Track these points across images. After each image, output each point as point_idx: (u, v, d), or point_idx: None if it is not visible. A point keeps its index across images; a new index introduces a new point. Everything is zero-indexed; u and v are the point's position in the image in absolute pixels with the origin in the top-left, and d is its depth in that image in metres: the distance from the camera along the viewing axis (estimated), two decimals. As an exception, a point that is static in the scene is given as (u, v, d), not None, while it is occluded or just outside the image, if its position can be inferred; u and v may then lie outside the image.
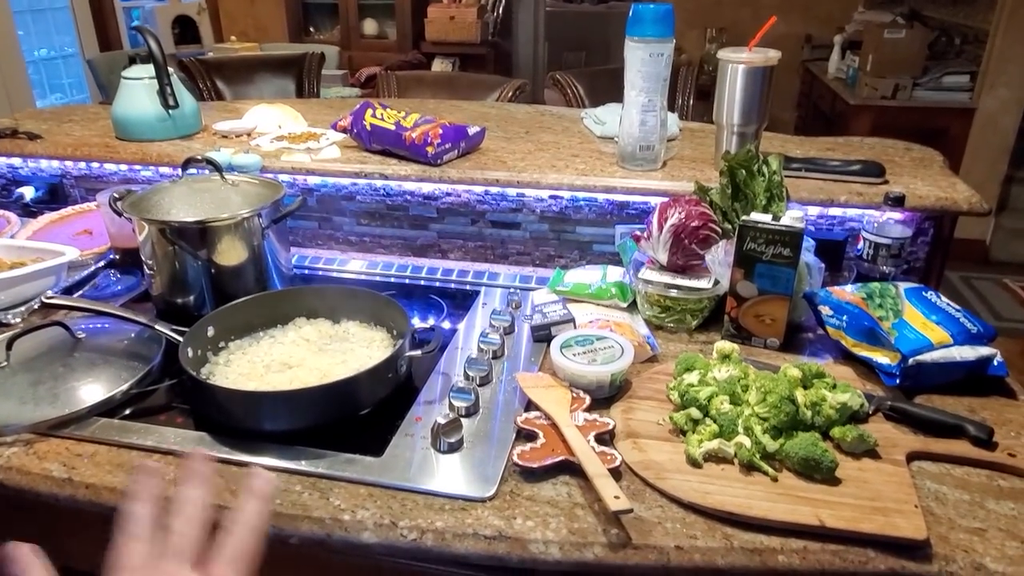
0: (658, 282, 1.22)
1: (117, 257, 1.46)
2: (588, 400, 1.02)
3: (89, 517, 0.94)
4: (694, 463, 0.90)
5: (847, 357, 1.14)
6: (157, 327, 1.11)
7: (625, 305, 1.28)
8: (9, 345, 1.07)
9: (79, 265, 1.42)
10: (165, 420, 1.01)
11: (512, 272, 1.48)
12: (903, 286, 1.18)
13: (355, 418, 1.00)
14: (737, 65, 1.33)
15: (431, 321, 1.30)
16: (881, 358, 1.08)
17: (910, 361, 1.04)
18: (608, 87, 2.42)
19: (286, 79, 2.90)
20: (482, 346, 1.15)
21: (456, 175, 1.45)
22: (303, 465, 0.91)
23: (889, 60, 3.71)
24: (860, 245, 1.27)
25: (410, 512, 0.84)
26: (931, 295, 1.16)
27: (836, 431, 0.93)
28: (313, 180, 1.56)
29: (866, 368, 1.11)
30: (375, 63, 4.75)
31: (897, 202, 1.23)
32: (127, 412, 1.02)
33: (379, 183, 1.52)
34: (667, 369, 1.10)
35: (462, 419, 0.98)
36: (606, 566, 0.79)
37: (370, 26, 5.21)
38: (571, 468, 0.90)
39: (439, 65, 5.00)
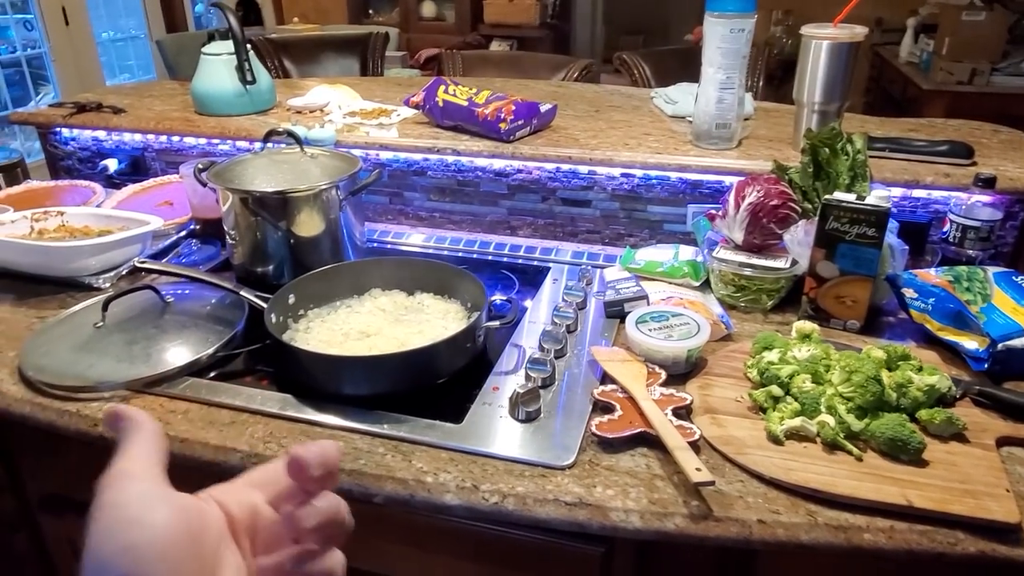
0: (733, 261, 1.21)
1: (198, 227, 1.50)
2: (664, 375, 1.01)
3: (180, 473, 0.98)
4: (775, 440, 0.89)
5: (930, 341, 1.11)
6: (242, 293, 1.14)
7: (697, 284, 1.27)
8: (105, 306, 1.12)
9: (161, 235, 1.47)
10: (250, 382, 1.04)
11: (580, 250, 1.48)
12: (991, 270, 1.14)
13: (433, 386, 1.02)
14: (821, 41, 1.30)
15: (504, 295, 1.31)
16: (968, 342, 1.05)
17: (999, 346, 1.01)
18: (674, 68, 2.39)
19: (351, 58, 2.94)
20: (556, 320, 1.16)
21: (528, 151, 1.46)
22: (385, 429, 0.94)
23: (966, 44, 3.57)
24: (946, 228, 1.24)
25: (491, 477, 0.86)
26: (1021, 280, 1.12)
27: (923, 413, 0.91)
28: (385, 155, 1.58)
29: (950, 353, 1.08)
30: (433, 45, 4.77)
31: (988, 184, 1.19)
32: (212, 374, 1.06)
33: (451, 159, 1.53)
34: (743, 348, 1.09)
35: (539, 390, 0.99)
36: (687, 536, 0.80)
37: (429, 8, 5.23)
38: (648, 441, 0.90)
39: (497, 47, 5.00)
